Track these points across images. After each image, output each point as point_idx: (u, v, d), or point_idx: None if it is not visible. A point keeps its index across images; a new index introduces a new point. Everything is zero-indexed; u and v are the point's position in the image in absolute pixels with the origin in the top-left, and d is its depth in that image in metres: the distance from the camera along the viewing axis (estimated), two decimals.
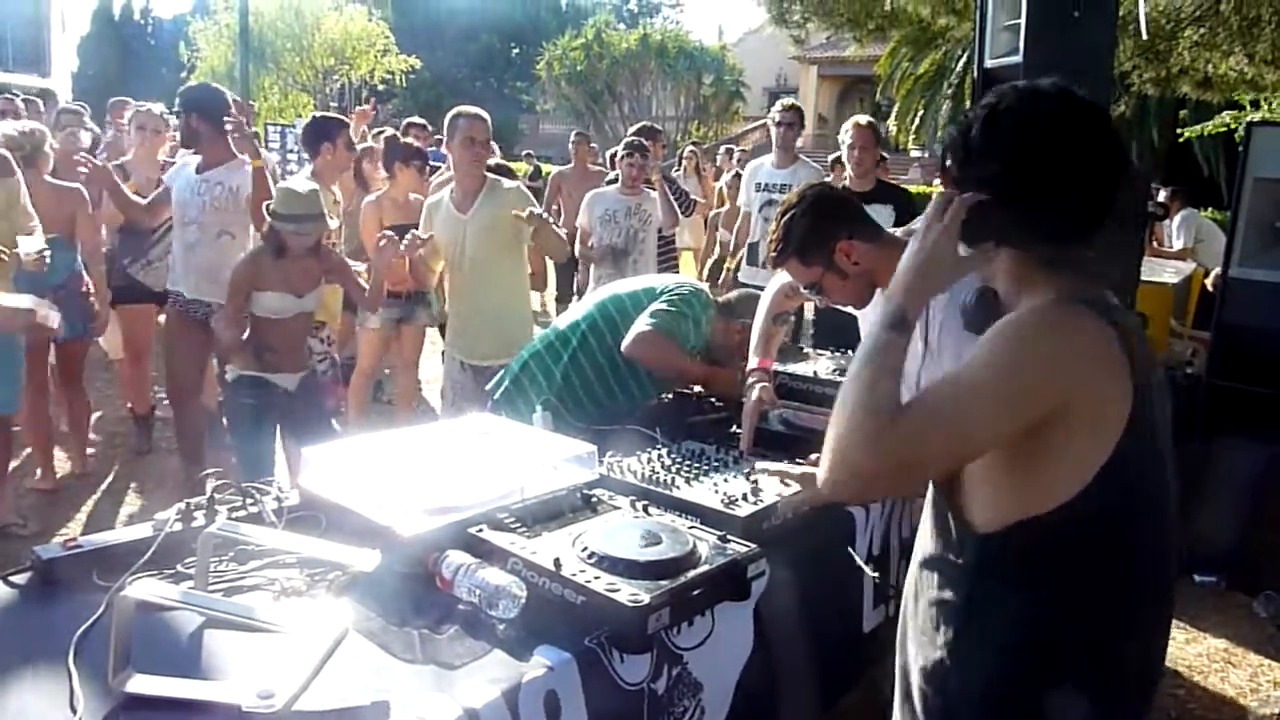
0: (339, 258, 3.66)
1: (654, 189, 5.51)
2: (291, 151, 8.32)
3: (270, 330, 3.38)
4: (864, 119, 4.84)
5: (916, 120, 18.14)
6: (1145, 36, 5.19)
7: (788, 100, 5.53)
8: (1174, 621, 3.92)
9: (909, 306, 1.28)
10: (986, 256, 1.31)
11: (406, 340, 5.02)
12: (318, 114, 4.89)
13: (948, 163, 1.33)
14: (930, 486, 1.40)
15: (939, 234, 1.29)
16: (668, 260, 6.54)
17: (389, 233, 3.65)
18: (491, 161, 4.51)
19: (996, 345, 1.23)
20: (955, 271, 1.31)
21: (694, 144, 11.91)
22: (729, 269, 6.01)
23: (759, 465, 2.10)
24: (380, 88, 25.73)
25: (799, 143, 5.56)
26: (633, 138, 5.32)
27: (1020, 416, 1.21)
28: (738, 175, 7.13)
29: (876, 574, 2.19)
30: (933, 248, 1.29)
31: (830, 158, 9.80)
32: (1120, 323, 1.25)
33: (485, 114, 3.89)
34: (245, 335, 3.32)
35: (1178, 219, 7.94)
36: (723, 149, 11.91)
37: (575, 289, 6.53)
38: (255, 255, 3.40)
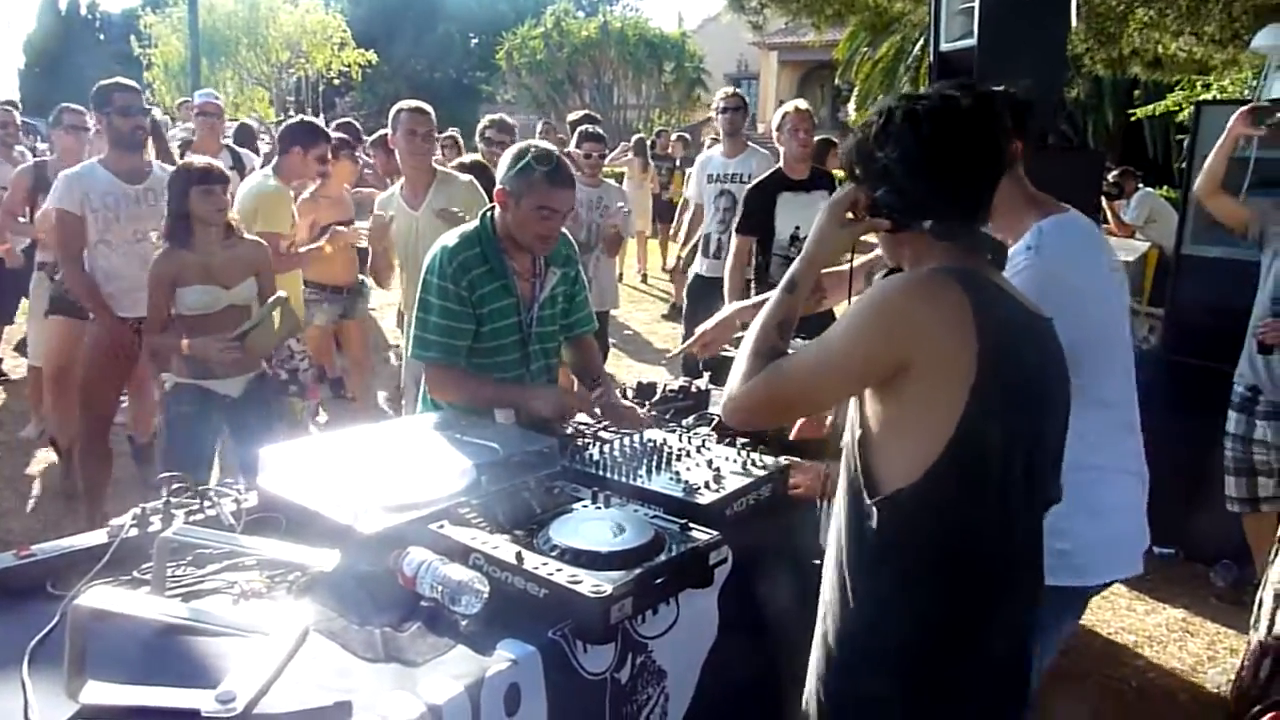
0: (262, 250, 3.49)
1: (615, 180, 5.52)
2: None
3: (199, 330, 3.21)
4: (803, 103, 4.83)
5: (877, 104, 18.19)
6: (1076, 23, 5.24)
7: (729, 89, 5.56)
8: (1134, 592, 4.00)
9: (800, 276, 1.59)
10: (871, 229, 1.54)
11: (352, 336, 4.98)
12: (307, 118, 4.76)
13: (850, 162, 1.55)
14: (848, 446, 1.53)
15: (826, 217, 1.58)
16: None
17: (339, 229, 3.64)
18: (468, 159, 4.49)
19: (855, 308, 1.47)
20: (838, 244, 1.59)
21: (657, 133, 11.94)
22: (679, 258, 6.03)
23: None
24: (337, 82, 25.41)
25: (759, 129, 5.60)
26: (587, 126, 5.26)
27: (867, 366, 1.43)
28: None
29: None
30: (820, 230, 1.58)
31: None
32: (980, 293, 1.41)
33: (428, 107, 3.86)
34: (181, 340, 3.17)
35: (1135, 198, 8.07)
36: (675, 136, 11.92)
37: None
38: (170, 250, 3.25)
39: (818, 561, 1.62)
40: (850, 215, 1.55)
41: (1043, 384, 1.48)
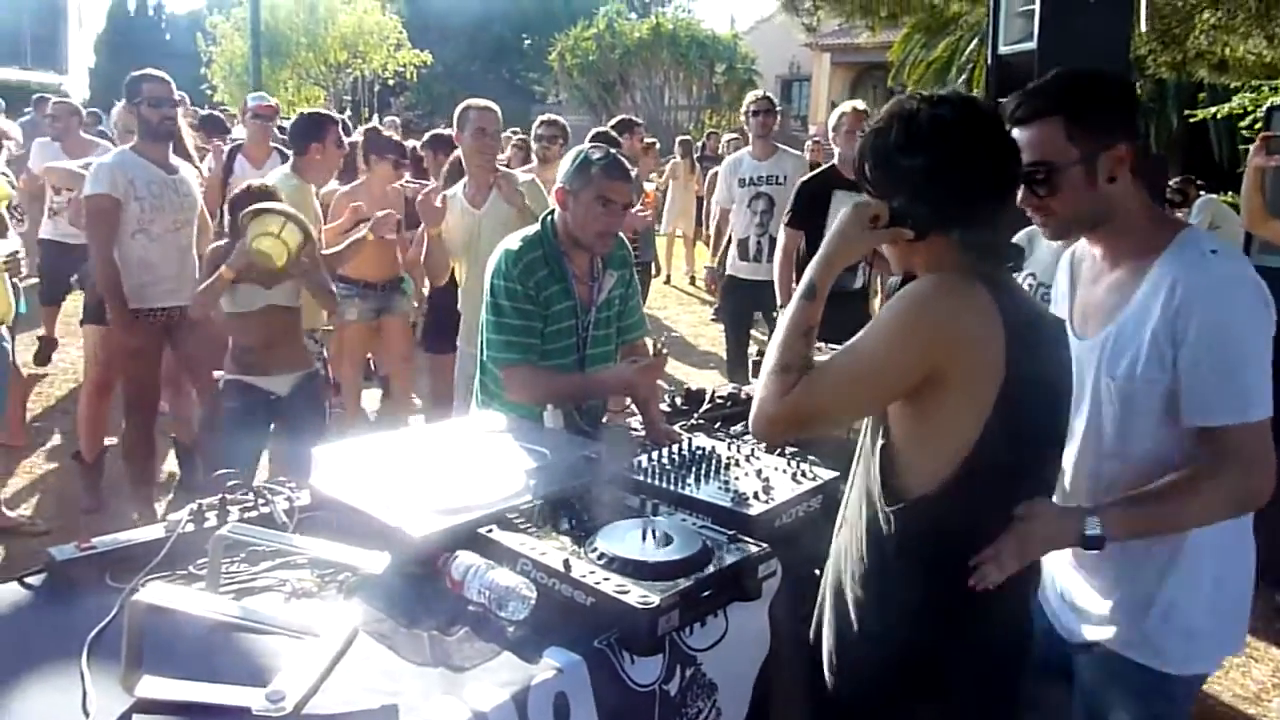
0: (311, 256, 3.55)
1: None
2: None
3: (240, 327, 3.30)
4: (860, 104, 4.83)
5: (889, 105, 17.99)
6: (1144, 28, 5.13)
7: (758, 92, 5.58)
8: None
9: (818, 280, 1.53)
10: (895, 237, 1.50)
11: (393, 333, 4.92)
12: (307, 110, 4.77)
13: (866, 165, 1.52)
14: (867, 451, 1.57)
15: (848, 221, 1.52)
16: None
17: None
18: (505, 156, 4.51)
19: (885, 314, 1.46)
20: (859, 248, 1.54)
21: (708, 134, 11.87)
22: (712, 265, 6.03)
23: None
24: (392, 82, 25.76)
25: (811, 130, 5.59)
26: (602, 129, 5.26)
27: (904, 378, 1.42)
28: None
29: None
30: (842, 233, 1.53)
31: (810, 141, 9.75)
32: (1003, 294, 1.43)
33: (495, 106, 3.87)
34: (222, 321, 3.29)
35: (1197, 204, 7.86)
36: (727, 138, 11.90)
37: None
38: (219, 246, 3.35)
39: None
40: (872, 222, 1.51)
41: (1063, 380, 1.53)
